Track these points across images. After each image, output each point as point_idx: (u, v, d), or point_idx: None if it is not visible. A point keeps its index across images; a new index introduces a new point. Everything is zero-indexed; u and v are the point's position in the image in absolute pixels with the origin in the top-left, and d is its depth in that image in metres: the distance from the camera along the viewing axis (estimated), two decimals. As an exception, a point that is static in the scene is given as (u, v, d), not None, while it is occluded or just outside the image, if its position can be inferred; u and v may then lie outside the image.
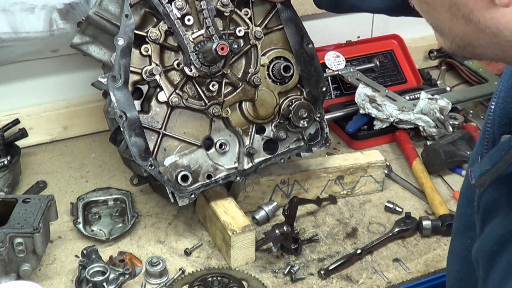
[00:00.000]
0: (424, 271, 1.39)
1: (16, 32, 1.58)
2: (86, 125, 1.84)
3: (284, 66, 1.44)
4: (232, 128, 1.44)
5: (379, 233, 1.49)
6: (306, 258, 1.42)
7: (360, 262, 1.41)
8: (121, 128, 1.30)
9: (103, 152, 1.78)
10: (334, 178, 1.59)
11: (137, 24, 1.33)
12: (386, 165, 1.64)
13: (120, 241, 1.45)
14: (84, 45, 1.45)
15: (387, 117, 1.80)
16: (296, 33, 1.46)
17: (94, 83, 1.48)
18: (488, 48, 0.77)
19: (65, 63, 1.77)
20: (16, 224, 1.26)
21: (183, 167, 1.38)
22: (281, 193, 1.55)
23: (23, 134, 1.66)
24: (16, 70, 1.73)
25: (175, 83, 1.38)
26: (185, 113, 1.39)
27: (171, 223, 1.52)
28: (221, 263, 1.39)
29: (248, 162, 1.45)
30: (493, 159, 0.81)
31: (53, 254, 1.41)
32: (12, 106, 1.76)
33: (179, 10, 1.35)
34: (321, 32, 1.98)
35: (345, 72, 1.97)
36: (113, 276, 1.28)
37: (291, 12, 1.45)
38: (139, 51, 1.34)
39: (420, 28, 2.39)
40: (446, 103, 1.83)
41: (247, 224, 1.38)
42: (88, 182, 1.66)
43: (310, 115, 1.46)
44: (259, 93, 1.44)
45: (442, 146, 1.68)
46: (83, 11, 1.58)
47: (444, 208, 1.52)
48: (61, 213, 1.48)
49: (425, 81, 2.11)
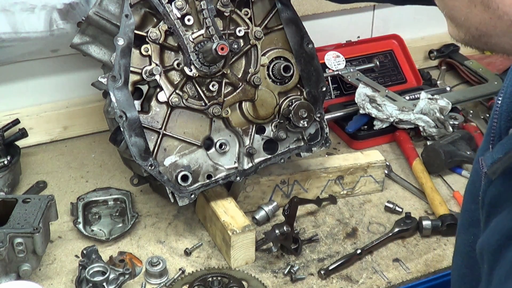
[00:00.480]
0: (424, 271, 1.39)
1: (16, 32, 1.58)
2: (86, 125, 1.84)
3: (284, 66, 1.44)
4: (232, 128, 1.44)
5: (379, 233, 1.49)
6: (306, 258, 1.42)
7: (360, 262, 1.41)
8: (121, 128, 1.30)
9: (103, 152, 1.78)
10: (334, 178, 1.59)
11: (137, 24, 1.33)
12: (386, 165, 1.64)
13: (120, 241, 1.45)
14: (84, 45, 1.45)
15: (387, 117, 1.80)
16: (296, 33, 1.46)
17: (94, 83, 1.48)
18: (504, 37, 0.77)
19: (65, 63, 1.77)
20: (16, 224, 1.26)
21: (183, 167, 1.38)
22: (281, 193, 1.55)
23: (23, 134, 1.66)
24: (16, 70, 1.73)
25: (175, 83, 1.38)
26: (185, 113, 1.39)
27: (171, 223, 1.52)
28: (221, 263, 1.39)
29: (248, 162, 1.45)
30: (505, 147, 0.82)
31: (53, 254, 1.41)
32: (12, 106, 1.76)
33: (179, 10, 1.35)
34: (321, 32, 1.98)
35: (345, 72, 1.97)
36: (113, 276, 1.28)
37: (291, 12, 1.45)
38: (139, 51, 1.34)
39: (420, 28, 2.42)
40: (446, 103, 1.83)
41: (247, 224, 1.38)
42: (88, 182, 1.66)
43: (310, 115, 1.46)
44: (259, 93, 1.44)
45: (442, 146, 1.68)
46: (83, 11, 1.58)
47: (444, 208, 1.52)
48: (61, 213, 1.48)
49: (425, 81, 2.11)
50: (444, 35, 2.32)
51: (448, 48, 2.24)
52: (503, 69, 2.14)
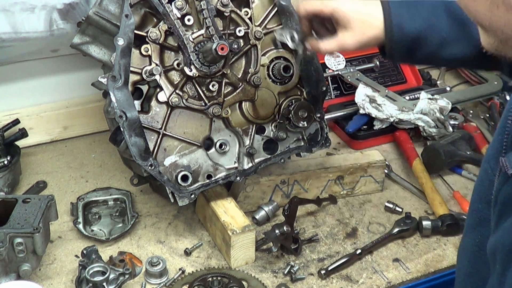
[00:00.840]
0: (424, 271, 1.39)
1: (16, 32, 1.58)
2: (86, 125, 1.84)
3: (284, 66, 1.44)
4: (232, 128, 1.44)
5: (379, 233, 1.49)
6: (306, 258, 1.42)
7: (360, 262, 1.41)
8: (121, 128, 1.30)
9: (103, 152, 1.78)
10: (334, 178, 1.59)
11: (137, 24, 1.33)
12: (386, 165, 1.64)
13: (120, 241, 1.45)
14: (84, 45, 1.45)
15: (387, 117, 1.80)
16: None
17: (94, 83, 1.48)
18: None
19: (65, 63, 1.77)
20: (16, 224, 1.26)
21: (183, 167, 1.39)
22: (281, 193, 1.55)
23: (23, 134, 1.66)
24: (16, 70, 1.73)
25: (175, 83, 1.38)
26: (185, 113, 1.39)
27: (171, 223, 1.52)
28: (221, 263, 1.39)
29: (248, 162, 1.45)
30: None
31: (53, 254, 1.41)
32: (12, 106, 1.76)
33: (179, 10, 1.35)
34: (321, 32, 1.98)
35: (345, 72, 1.97)
36: (113, 276, 1.28)
37: (291, 12, 1.45)
38: (139, 51, 1.34)
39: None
40: (446, 103, 1.83)
41: (247, 224, 1.38)
42: (88, 182, 1.66)
43: (310, 115, 1.46)
44: (259, 93, 1.44)
45: (442, 146, 1.68)
46: (83, 11, 1.58)
47: (444, 208, 1.52)
48: (61, 213, 1.48)
49: (425, 81, 2.11)
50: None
51: (448, 48, 2.23)
52: (503, 69, 2.14)
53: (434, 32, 1.23)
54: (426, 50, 1.25)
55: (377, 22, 1.24)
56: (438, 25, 1.23)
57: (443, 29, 1.23)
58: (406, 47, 1.25)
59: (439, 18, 1.24)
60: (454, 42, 1.23)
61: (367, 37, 1.25)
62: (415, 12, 1.25)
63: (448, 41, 1.23)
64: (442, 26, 1.23)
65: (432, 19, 1.24)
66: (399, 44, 1.25)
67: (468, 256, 1.02)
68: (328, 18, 1.29)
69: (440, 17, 1.24)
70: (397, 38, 1.24)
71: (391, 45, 1.26)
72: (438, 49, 1.24)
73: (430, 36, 1.23)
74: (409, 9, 1.25)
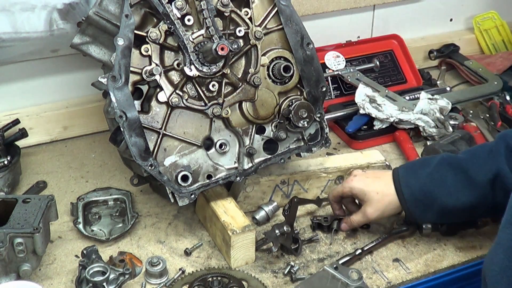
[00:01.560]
0: (424, 271, 1.39)
1: (16, 32, 1.58)
2: (86, 125, 1.84)
3: (284, 66, 1.44)
4: (232, 128, 1.44)
5: (379, 233, 1.49)
6: (306, 258, 1.42)
7: (360, 262, 1.41)
8: (121, 128, 1.30)
9: (103, 152, 1.78)
10: (334, 178, 1.59)
11: (137, 24, 1.33)
12: (386, 165, 1.64)
13: (120, 241, 1.45)
14: (84, 45, 1.45)
15: (387, 117, 1.80)
16: (296, 33, 1.46)
17: (94, 83, 1.48)
18: None
19: (65, 63, 1.77)
20: (16, 224, 1.26)
21: (183, 167, 1.39)
22: (281, 193, 1.55)
23: (23, 134, 1.66)
24: (16, 70, 1.73)
25: (175, 83, 1.38)
26: (185, 113, 1.40)
27: (171, 223, 1.52)
28: (221, 263, 1.39)
29: (248, 162, 1.45)
30: None
31: (53, 254, 1.41)
32: (12, 106, 1.76)
33: (179, 10, 1.35)
34: (321, 32, 1.99)
35: (345, 72, 1.97)
36: (113, 276, 1.28)
37: (291, 12, 1.45)
38: (139, 51, 1.34)
39: (420, 28, 2.42)
40: (446, 103, 1.83)
41: (247, 224, 1.38)
42: (88, 182, 1.66)
43: (310, 115, 1.46)
44: (259, 93, 1.44)
45: (442, 146, 1.68)
46: (83, 11, 1.58)
47: (444, 208, 1.52)
48: (61, 213, 1.48)
49: (425, 81, 2.11)
50: (444, 35, 2.32)
51: (448, 48, 2.24)
52: (503, 69, 2.14)
53: (439, 185, 1.35)
54: (438, 203, 1.35)
55: (390, 189, 1.39)
56: (442, 178, 1.35)
57: (447, 180, 1.34)
58: (421, 203, 1.37)
59: (443, 172, 1.35)
60: (459, 190, 1.33)
61: (384, 204, 1.40)
62: (421, 171, 1.38)
63: (453, 190, 1.34)
64: (446, 178, 1.35)
65: (435, 173, 1.36)
66: (412, 203, 1.37)
67: (505, 251, 1.06)
68: (352, 197, 1.46)
69: (444, 170, 1.35)
70: (408, 196, 1.37)
71: (407, 205, 1.38)
72: (448, 199, 1.34)
73: (437, 189, 1.35)
74: (415, 169, 1.40)
